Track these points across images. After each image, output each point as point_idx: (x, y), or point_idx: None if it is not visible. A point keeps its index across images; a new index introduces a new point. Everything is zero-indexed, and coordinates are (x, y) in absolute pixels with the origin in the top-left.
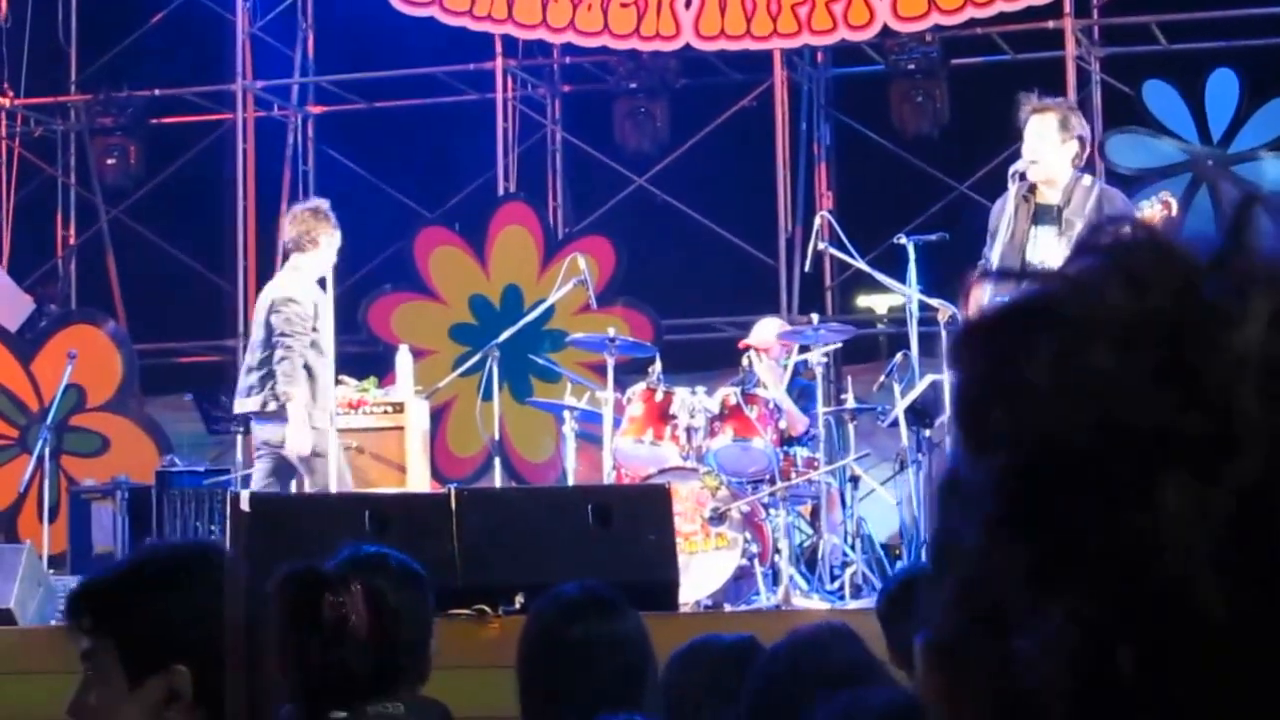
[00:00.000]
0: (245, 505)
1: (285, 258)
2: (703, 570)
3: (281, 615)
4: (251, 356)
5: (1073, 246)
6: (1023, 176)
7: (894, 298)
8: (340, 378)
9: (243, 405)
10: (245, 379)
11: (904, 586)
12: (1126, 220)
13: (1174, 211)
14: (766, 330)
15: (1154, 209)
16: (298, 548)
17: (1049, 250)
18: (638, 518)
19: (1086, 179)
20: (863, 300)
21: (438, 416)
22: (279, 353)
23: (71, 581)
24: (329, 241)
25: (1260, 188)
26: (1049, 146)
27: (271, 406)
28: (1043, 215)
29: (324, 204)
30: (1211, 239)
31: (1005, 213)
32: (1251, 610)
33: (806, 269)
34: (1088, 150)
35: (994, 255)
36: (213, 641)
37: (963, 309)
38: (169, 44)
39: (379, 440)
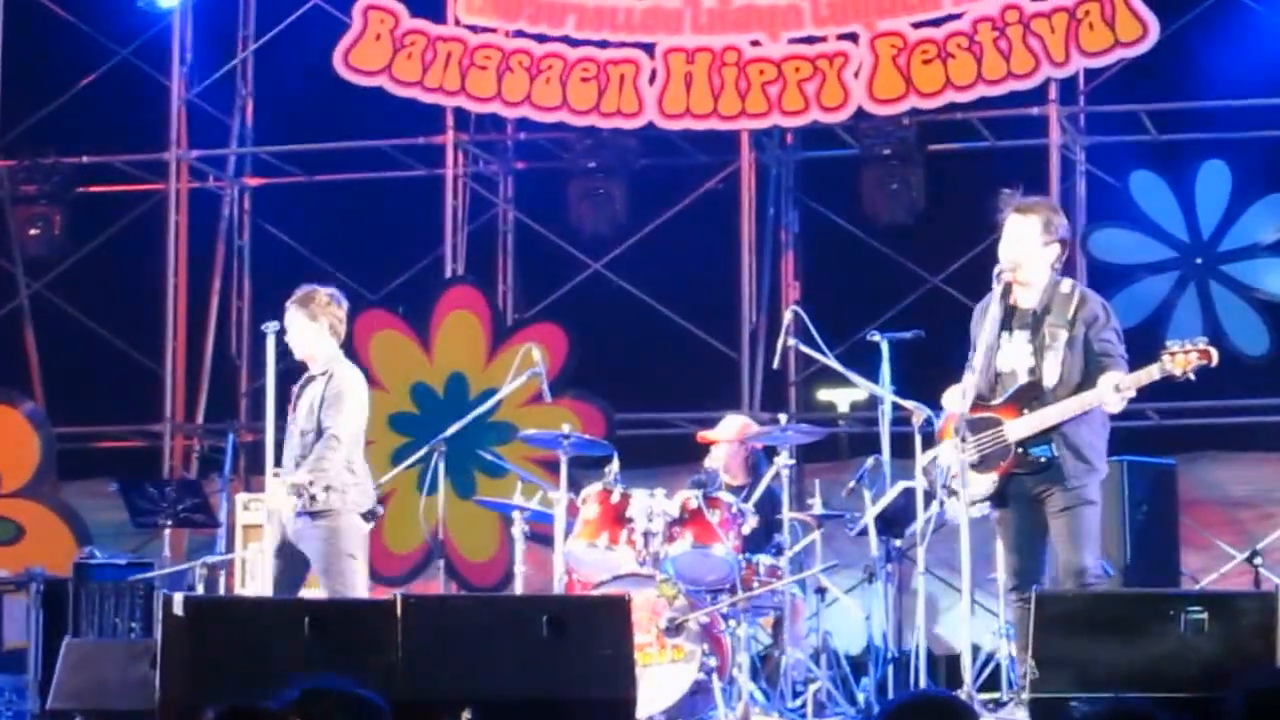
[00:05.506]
0: (179, 608)
1: None
2: (657, 684)
3: None
4: None
5: None
6: (998, 276)
7: (856, 392)
8: (276, 469)
9: None
10: None
11: (900, 713)
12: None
13: (1213, 360)
14: (730, 428)
15: (1190, 357)
16: (234, 655)
17: (1019, 358)
18: (594, 630)
19: (1066, 284)
20: (823, 394)
21: None
22: None
23: None
24: None
25: (1251, 289)
26: (1028, 249)
27: None
28: (1016, 319)
29: None
30: None
31: (990, 314)
32: None
33: (774, 366)
34: (1067, 251)
35: (975, 361)
36: None
37: None
38: (99, 108)
39: None
